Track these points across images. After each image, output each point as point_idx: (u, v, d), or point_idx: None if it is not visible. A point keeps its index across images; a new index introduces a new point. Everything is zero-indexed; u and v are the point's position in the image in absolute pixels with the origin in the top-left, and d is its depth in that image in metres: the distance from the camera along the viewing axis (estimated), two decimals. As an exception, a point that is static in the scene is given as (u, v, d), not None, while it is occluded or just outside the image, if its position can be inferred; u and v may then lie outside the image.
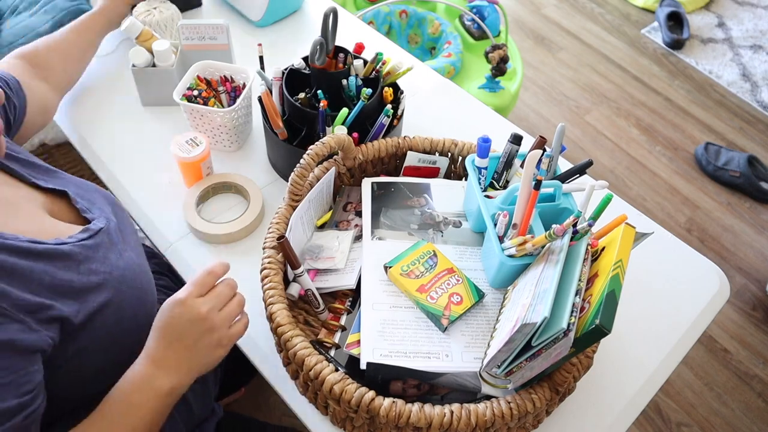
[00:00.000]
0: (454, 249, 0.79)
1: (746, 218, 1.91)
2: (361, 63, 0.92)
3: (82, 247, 0.63)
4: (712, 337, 1.64)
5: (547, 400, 0.63)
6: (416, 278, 0.73)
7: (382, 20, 1.88)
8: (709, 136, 2.14)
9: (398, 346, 0.69)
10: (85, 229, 0.66)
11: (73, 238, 0.63)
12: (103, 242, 0.66)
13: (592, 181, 0.71)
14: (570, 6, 2.63)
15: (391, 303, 0.73)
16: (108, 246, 0.67)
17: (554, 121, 2.16)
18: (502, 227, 0.71)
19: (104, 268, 0.64)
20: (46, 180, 0.70)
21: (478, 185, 0.77)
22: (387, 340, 0.70)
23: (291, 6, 1.25)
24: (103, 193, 0.77)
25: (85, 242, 0.64)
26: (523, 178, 0.69)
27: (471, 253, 0.79)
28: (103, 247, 0.66)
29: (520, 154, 0.80)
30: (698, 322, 0.82)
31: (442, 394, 0.66)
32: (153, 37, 1.01)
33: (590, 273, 0.63)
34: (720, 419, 1.49)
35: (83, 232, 0.65)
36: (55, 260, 0.59)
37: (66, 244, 0.61)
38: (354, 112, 0.85)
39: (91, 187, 0.76)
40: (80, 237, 0.64)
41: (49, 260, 0.58)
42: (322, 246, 0.80)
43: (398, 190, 0.84)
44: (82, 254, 0.62)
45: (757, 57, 2.40)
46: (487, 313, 0.73)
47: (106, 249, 0.66)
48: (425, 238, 0.80)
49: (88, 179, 1.39)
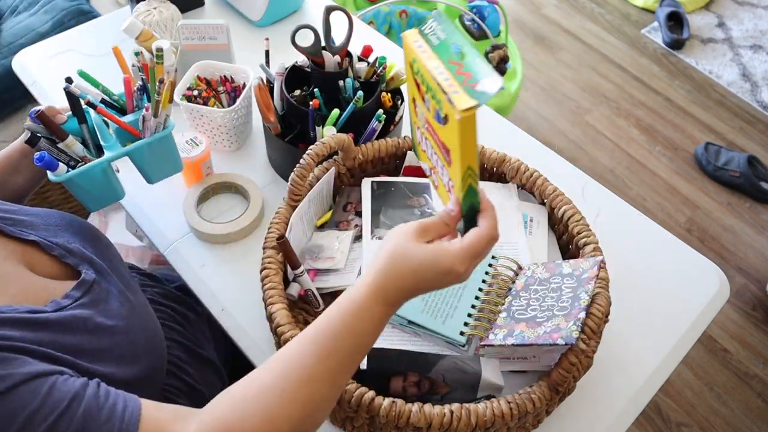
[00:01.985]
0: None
1: (746, 218, 1.91)
2: (365, 65, 0.92)
3: (81, 308, 0.59)
4: (712, 337, 1.64)
5: (546, 400, 0.63)
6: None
7: (382, 20, 1.88)
8: (709, 136, 2.14)
9: (397, 344, 0.69)
10: (79, 284, 0.62)
11: (69, 297, 0.59)
12: (101, 294, 0.63)
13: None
14: (570, 6, 2.63)
15: None
16: (105, 295, 0.63)
17: (554, 121, 2.16)
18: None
19: (109, 321, 0.61)
20: (15, 224, 0.65)
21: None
22: (386, 338, 0.70)
23: (291, 6, 1.25)
24: (65, 219, 0.71)
25: (83, 300, 0.60)
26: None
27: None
28: (102, 299, 0.62)
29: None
30: (698, 322, 0.82)
31: (442, 394, 0.66)
32: (153, 37, 1.01)
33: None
34: (720, 419, 1.49)
35: (77, 288, 0.61)
36: (60, 329, 0.56)
37: (65, 309, 0.58)
38: (345, 115, 0.85)
39: (53, 217, 0.70)
40: (75, 296, 0.60)
41: (53, 330, 0.55)
42: (323, 246, 0.80)
43: (398, 190, 0.84)
44: (84, 315, 0.59)
45: (757, 57, 2.40)
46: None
47: (104, 301, 0.63)
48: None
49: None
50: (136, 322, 0.64)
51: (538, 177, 0.82)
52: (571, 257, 0.79)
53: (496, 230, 0.55)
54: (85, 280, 0.62)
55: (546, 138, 2.10)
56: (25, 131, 0.72)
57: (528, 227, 0.82)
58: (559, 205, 0.79)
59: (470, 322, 0.70)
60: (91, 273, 0.64)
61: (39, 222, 0.68)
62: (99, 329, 0.59)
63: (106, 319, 0.60)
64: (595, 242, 0.74)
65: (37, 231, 0.66)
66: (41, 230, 0.66)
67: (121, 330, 0.61)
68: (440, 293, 0.72)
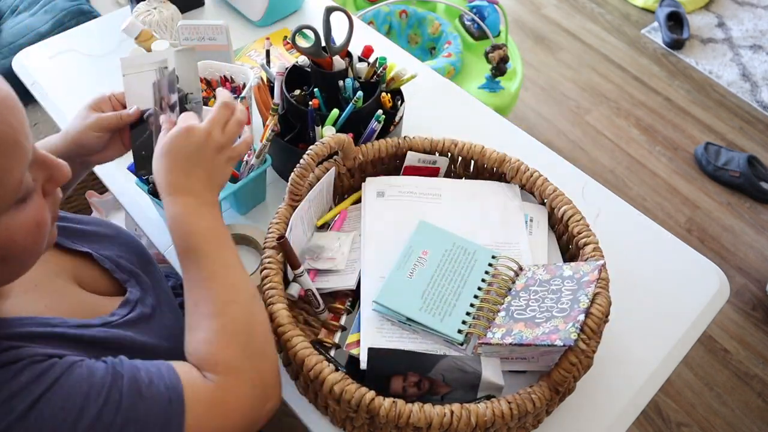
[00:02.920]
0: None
1: (746, 218, 1.91)
2: (365, 66, 0.92)
3: (126, 326, 0.61)
4: (712, 337, 1.64)
5: (547, 400, 0.63)
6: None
7: (382, 20, 1.88)
8: (709, 136, 2.14)
9: (396, 343, 0.69)
10: (125, 303, 0.64)
11: (116, 315, 0.62)
12: (144, 313, 0.65)
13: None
14: (570, 6, 2.63)
15: None
16: (148, 316, 0.65)
17: (554, 121, 2.16)
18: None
19: (152, 340, 0.62)
20: (68, 234, 0.67)
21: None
22: (385, 337, 0.70)
23: (291, 6, 1.25)
24: (113, 230, 0.74)
25: (129, 317, 0.62)
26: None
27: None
28: (144, 318, 0.64)
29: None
30: (698, 322, 0.82)
31: (442, 394, 0.66)
32: (152, 37, 1.01)
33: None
34: (720, 419, 1.49)
35: (123, 306, 0.64)
36: (106, 346, 0.58)
37: (110, 324, 0.60)
38: (344, 115, 0.85)
39: (102, 227, 0.72)
40: (121, 313, 0.62)
41: (100, 346, 0.57)
42: (323, 246, 0.80)
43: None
44: (128, 335, 0.60)
45: (757, 57, 2.40)
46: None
47: (147, 320, 0.65)
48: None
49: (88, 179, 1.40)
50: (176, 345, 0.64)
51: (538, 177, 0.82)
52: (572, 257, 0.79)
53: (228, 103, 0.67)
54: (130, 299, 0.65)
55: (546, 138, 2.10)
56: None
57: (528, 227, 0.82)
58: (559, 205, 0.79)
59: (469, 320, 0.70)
60: (136, 291, 0.66)
61: (90, 231, 0.70)
62: (142, 349, 0.61)
63: (149, 339, 0.62)
64: (595, 242, 0.74)
65: (89, 243, 0.68)
66: (93, 242, 0.69)
67: (164, 351, 0.62)
68: (439, 292, 0.72)
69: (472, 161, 0.87)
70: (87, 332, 0.57)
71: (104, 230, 0.72)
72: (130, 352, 0.58)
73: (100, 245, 0.69)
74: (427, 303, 0.71)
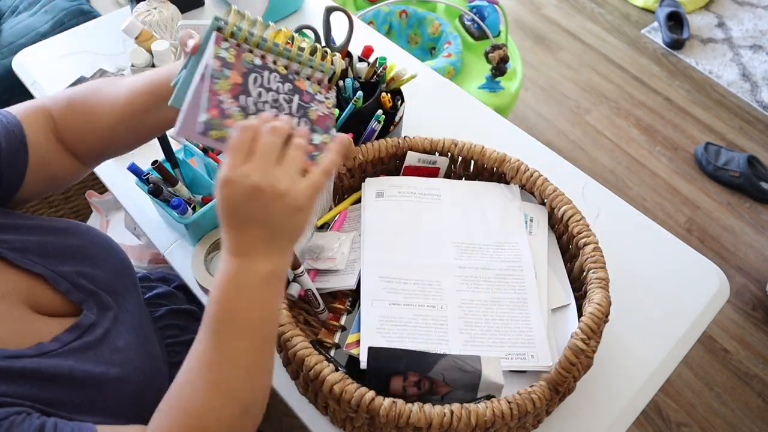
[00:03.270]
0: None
1: (746, 218, 1.91)
2: (365, 66, 0.92)
3: (68, 355, 0.54)
4: (712, 337, 1.64)
5: (547, 400, 0.63)
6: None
7: (382, 20, 1.88)
8: (709, 136, 2.14)
9: (396, 343, 0.69)
10: (74, 327, 0.57)
11: (58, 341, 0.55)
12: (97, 336, 0.58)
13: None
14: (570, 6, 2.63)
15: (391, 300, 0.73)
16: (99, 341, 0.58)
17: (554, 121, 2.16)
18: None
19: (97, 368, 0.56)
20: (22, 249, 0.59)
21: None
22: (385, 337, 0.70)
23: (291, 6, 1.25)
24: (84, 238, 0.66)
25: (72, 345, 0.55)
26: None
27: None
28: (92, 345, 0.57)
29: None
30: (698, 322, 0.82)
31: (442, 394, 0.66)
32: (152, 37, 1.01)
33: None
34: (720, 419, 1.49)
35: (71, 331, 0.57)
36: (37, 379, 0.51)
37: (47, 354, 0.53)
38: (344, 115, 0.85)
39: (69, 235, 0.65)
40: (65, 340, 0.56)
41: (31, 380, 0.51)
42: (323, 246, 0.80)
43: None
44: (66, 366, 0.54)
45: (757, 57, 2.40)
46: (489, 310, 0.73)
47: (96, 346, 0.58)
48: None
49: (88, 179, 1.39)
50: (130, 370, 0.59)
51: (538, 177, 0.82)
52: (572, 257, 0.79)
53: (240, 127, 0.50)
54: (81, 323, 0.58)
55: (546, 138, 2.10)
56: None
57: (528, 227, 0.82)
58: (559, 205, 0.79)
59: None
60: (92, 313, 0.60)
61: (53, 244, 0.62)
62: (83, 380, 0.54)
63: (94, 367, 0.56)
64: (595, 242, 0.74)
65: (46, 259, 0.60)
66: (51, 257, 0.61)
67: (111, 380, 0.57)
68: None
69: (472, 161, 0.87)
70: (17, 364, 0.51)
71: (72, 240, 0.64)
72: (68, 385, 0.53)
73: (59, 260, 0.61)
74: None
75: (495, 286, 0.76)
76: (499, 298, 0.75)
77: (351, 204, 0.87)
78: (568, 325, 0.73)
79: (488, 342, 0.71)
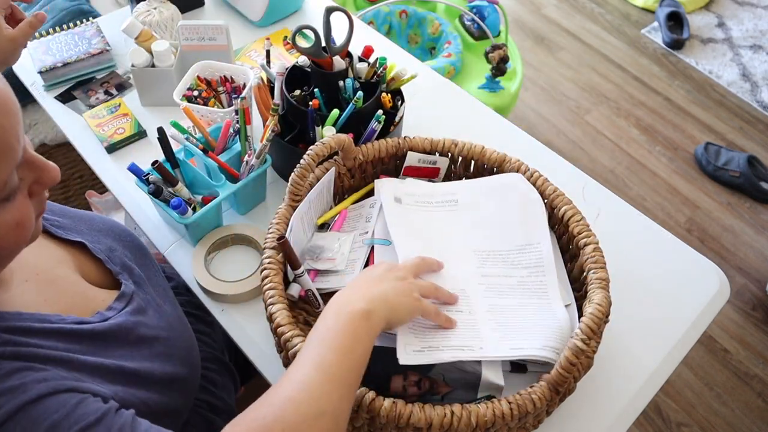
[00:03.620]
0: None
1: (746, 218, 1.91)
2: (366, 66, 0.92)
3: (125, 318, 0.61)
4: (712, 337, 1.64)
5: (547, 400, 0.63)
6: None
7: (382, 20, 1.88)
8: (709, 136, 2.14)
9: (429, 341, 0.68)
10: (120, 296, 0.64)
11: (113, 309, 0.62)
12: (140, 304, 0.65)
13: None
14: (570, 6, 2.63)
15: None
16: (144, 308, 0.65)
17: (554, 121, 2.16)
18: None
19: (150, 331, 0.63)
20: (62, 227, 0.66)
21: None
22: (417, 336, 0.68)
23: (291, 6, 1.25)
24: (107, 224, 0.73)
25: (126, 309, 0.62)
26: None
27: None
28: (140, 311, 0.64)
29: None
30: (698, 322, 0.82)
31: (442, 394, 0.66)
32: (152, 37, 1.01)
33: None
34: (720, 419, 1.49)
35: (119, 300, 0.63)
36: (105, 339, 0.58)
37: (108, 320, 0.60)
38: (345, 115, 0.85)
39: (95, 221, 0.72)
40: (118, 307, 0.62)
41: (99, 340, 0.57)
42: (323, 247, 0.80)
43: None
44: (127, 325, 0.61)
45: (757, 57, 2.40)
46: (517, 312, 0.73)
47: (143, 312, 0.64)
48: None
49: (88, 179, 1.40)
50: (174, 335, 0.66)
51: (538, 177, 0.82)
52: (572, 257, 0.79)
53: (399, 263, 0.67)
54: (125, 292, 0.65)
55: (546, 138, 2.10)
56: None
57: (528, 227, 0.82)
58: (559, 205, 0.79)
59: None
60: (130, 284, 0.66)
61: (83, 226, 0.69)
62: (141, 340, 0.61)
63: (147, 330, 0.62)
64: (595, 242, 0.74)
65: (81, 234, 0.68)
66: (85, 234, 0.68)
67: (162, 341, 0.63)
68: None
69: (472, 161, 0.87)
70: (85, 327, 0.57)
71: (97, 224, 0.72)
72: (129, 341, 0.59)
73: (92, 237, 0.69)
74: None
75: (519, 292, 0.74)
76: (525, 303, 0.73)
77: (351, 204, 0.87)
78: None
79: (523, 336, 0.69)
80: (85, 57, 1.09)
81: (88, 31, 1.15)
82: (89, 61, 1.10)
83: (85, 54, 1.09)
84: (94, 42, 1.12)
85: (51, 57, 1.08)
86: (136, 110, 1.04)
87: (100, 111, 1.02)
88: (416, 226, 0.80)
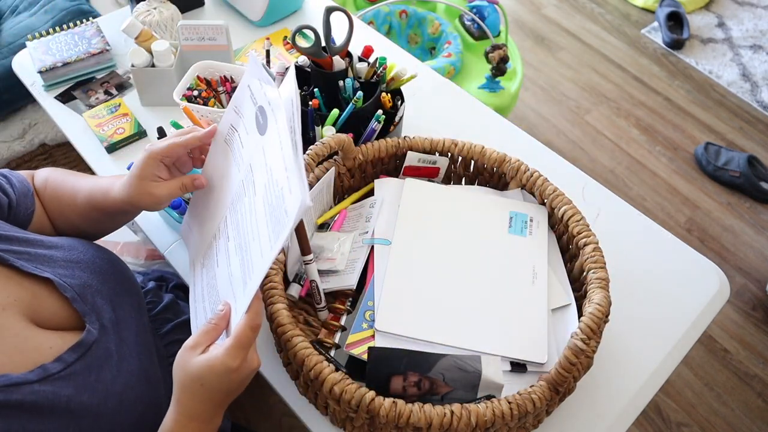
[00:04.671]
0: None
1: (746, 218, 1.91)
2: (365, 66, 0.92)
3: (70, 378, 0.55)
4: (712, 337, 1.64)
5: (547, 400, 0.63)
6: None
7: (382, 20, 1.88)
8: (709, 136, 2.14)
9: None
10: (78, 345, 0.57)
11: (61, 361, 0.55)
12: (99, 356, 0.58)
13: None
14: (570, 6, 2.63)
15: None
16: (103, 359, 0.59)
17: (554, 121, 2.16)
18: None
19: (94, 400, 0.56)
20: (31, 259, 0.60)
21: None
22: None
23: (291, 6, 1.25)
24: (89, 254, 0.66)
25: (73, 367, 0.56)
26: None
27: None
28: (96, 365, 0.58)
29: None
30: (698, 322, 0.82)
31: (442, 394, 0.66)
32: (152, 37, 1.01)
33: None
34: (720, 419, 1.49)
35: (74, 350, 0.57)
36: (34, 411, 0.52)
37: (50, 377, 0.53)
38: (345, 115, 0.85)
39: (76, 251, 0.66)
40: (68, 360, 0.56)
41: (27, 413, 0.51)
42: (323, 247, 0.80)
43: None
44: (65, 394, 0.54)
45: (757, 57, 2.40)
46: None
47: (98, 368, 0.58)
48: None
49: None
50: (131, 399, 0.60)
51: (538, 177, 0.82)
52: (572, 257, 0.79)
53: (259, 318, 0.56)
54: (85, 340, 0.58)
55: (546, 138, 2.10)
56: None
57: (528, 227, 0.82)
58: (559, 205, 0.80)
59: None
60: (95, 328, 0.60)
61: (59, 256, 0.63)
62: (80, 413, 0.55)
63: (90, 398, 0.56)
64: (595, 242, 0.74)
65: (54, 267, 0.61)
66: (59, 266, 0.62)
67: (106, 414, 0.57)
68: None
69: (472, 161, 0.87)
70: (13, 396, 0.50)
71: (77, 254, 0.65)
72: (63, 416, 0.53)
73: (66, 271, 0.62)
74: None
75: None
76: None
77: (351, 204, 0.87)
78: (568, 325, 0.73)
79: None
80: (85, 57, 1.09)
81: (88, 31, 1.15)
82: (89, 61, 1.10)
83: (85, 54, 1.09)
84: (94, 42, 1.12)
85: (51, 57, 1.08)
86: (136, 110, 1.04)
87: (100, 111, 1.02)
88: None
